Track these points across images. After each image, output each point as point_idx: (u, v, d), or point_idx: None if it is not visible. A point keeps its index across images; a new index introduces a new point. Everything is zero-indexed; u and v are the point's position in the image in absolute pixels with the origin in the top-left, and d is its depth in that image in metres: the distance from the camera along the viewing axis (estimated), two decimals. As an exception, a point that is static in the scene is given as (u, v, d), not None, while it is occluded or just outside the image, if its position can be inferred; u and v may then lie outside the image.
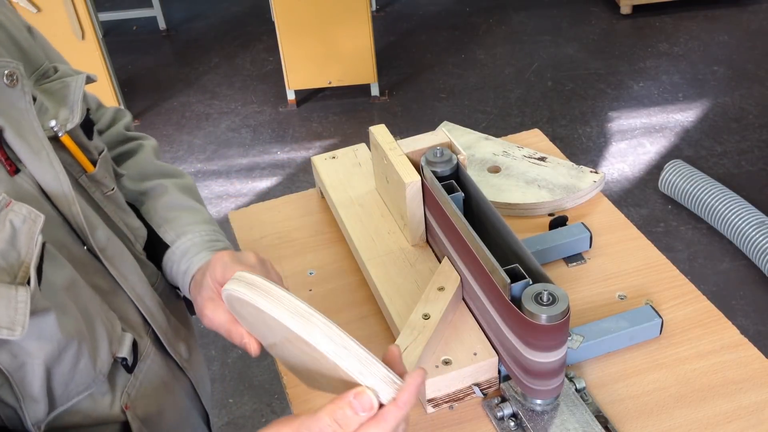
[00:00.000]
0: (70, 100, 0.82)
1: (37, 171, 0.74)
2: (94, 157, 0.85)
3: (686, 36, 3.81)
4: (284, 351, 0.75)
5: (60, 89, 0.83)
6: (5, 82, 0.72)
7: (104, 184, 0.86)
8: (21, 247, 0.67)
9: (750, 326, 2.36)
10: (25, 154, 0.73)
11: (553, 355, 0.82)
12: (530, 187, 1.22)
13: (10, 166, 0.72)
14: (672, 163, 2.79)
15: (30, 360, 0.69)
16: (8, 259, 0.66)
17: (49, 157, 0.75)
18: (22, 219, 0.67)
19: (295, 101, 3.56)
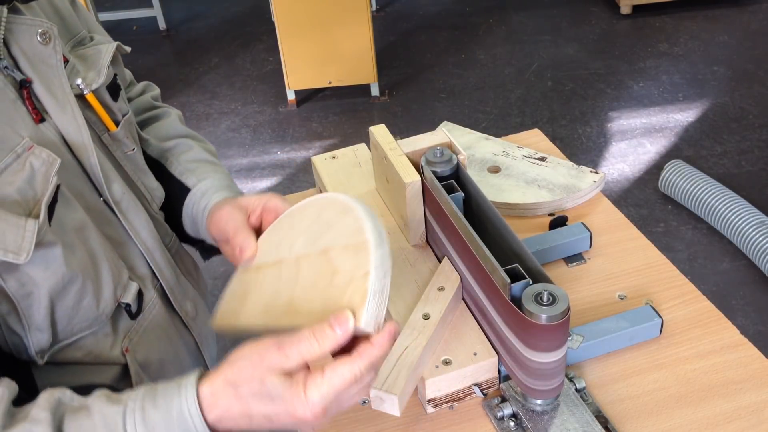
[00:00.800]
0: (99, 64, 0.90)
1: (60, 122, 0.81)
2: (117, 117, 0.92)
3: (686, 36, 3.81)
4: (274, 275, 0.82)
5: (92, 55, 0.91)
6: (39, 39, 0.81)
7: (125, 144, 0.93)
8: (37, 187, 0.75)
9: (750, 326, 2.36)
10: (50, 106, 0.81)
11: (553, 355, 0.82)
12: (530, 187, 1.22)
13: (36, 115, 0.79)
14: (672, 163, 2.79)
15: (36, 290, 0.76)
16: (24, 196, 0.74)
17: (73, 111, 0.82)
18: (41, 162, 0.76)
19: (295, 101, 3.56)
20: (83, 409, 0.70)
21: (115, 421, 0.69)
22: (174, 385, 0.71)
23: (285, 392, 0.68)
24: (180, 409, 0.69)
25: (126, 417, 0.69)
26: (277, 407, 0.69)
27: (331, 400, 0.68)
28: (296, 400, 0.67)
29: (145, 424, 0.69)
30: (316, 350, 0.68)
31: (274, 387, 0.68)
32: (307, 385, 0.68)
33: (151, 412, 0.70)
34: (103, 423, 0.69)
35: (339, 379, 0.68)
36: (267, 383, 0.68)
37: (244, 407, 0.69)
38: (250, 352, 0.71)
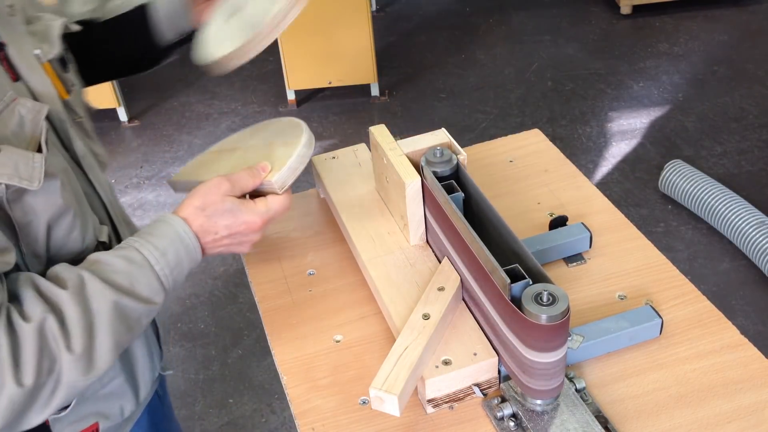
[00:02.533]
0: (51, 37, 0.98)
1: (32, 81, 0.89)
2: (68, 87, 0.99)
3: (686, 36, 3.81)
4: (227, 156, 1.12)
5: (42, 30, 0.99)
6: (7, 11, 0.90)
7: (75, 112, 1.00)
8: (27, 131, 0.83)
9: (750, 326, 2.36)
10: (23, 68, 0.89)
11: (553, 355, 0.82)
12: None
13: (12, 74, 0.87)
14: (672, 163, 2.79)
15: (36, 219, 0.85)
16: (18, 137, 0.83)
17: (40, 73, 0.91)
18: (27, 110, 0.84)
19: (295, 101, 3.56)
20: (97, 262, 0.86)
21: (133, 256, 0.87)
22: (158, 221, 0.91)
23: (241, 206, 0.94)
24: (177, 232, 0.90)
25: (141, 250, 0.87)
26: (236, 218, 0.93)
27: (270, 214, 0.95)
28: (249, 210, 0.94)
29: (158, 249, 0.88)
30: (250, 184, 0.96)
31: (232, 203, 0.93)
32: (256, 201, 0.95)
33: (157, 241, 0.89)
34: (126, 260, 0.86)
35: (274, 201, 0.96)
36: (226, 202, 0.93)
37: (211, 224, 0.92)
38: (208, 185, 0.94)
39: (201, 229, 0.92)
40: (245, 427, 2.25)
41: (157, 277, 0.88)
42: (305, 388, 0.97)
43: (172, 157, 3.31)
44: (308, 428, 0.92)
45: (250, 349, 2.48)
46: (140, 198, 3.08)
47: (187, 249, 0.90)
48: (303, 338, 1.04)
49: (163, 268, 0.88)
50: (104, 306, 0.83)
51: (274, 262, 1.17)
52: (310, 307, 1.09)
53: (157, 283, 0.88)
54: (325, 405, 0.94)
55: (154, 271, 0.87)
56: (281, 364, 1.01)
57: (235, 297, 2.64)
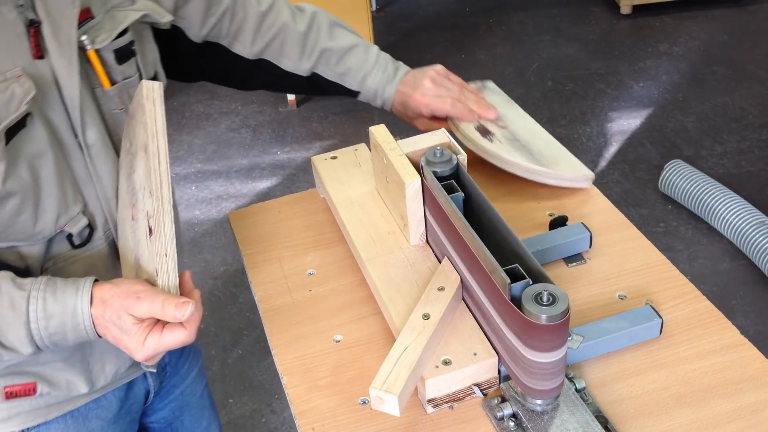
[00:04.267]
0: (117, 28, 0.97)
1: (56, 62, 0.89)
2: (116, 78, 0.99)
3: (686, 36, 3.81)
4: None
5: (120, 18, 0.98)
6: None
7: (115, 102, 0.99)
8: (11, 110, 0.83)
9: (750, 326, 2.36)
10: (52, 48, 0.88)
11: (553, 355, 0.82)
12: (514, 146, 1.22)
13: (36, 51, 0.87)
14: (672, 163, 2.79)
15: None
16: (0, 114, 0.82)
17: (70, 57, 0.90)
18: (22, 90, 0.84)
19: (295, 101, 3.56)
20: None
21: (19, 303, 0.85)
22: (73, 284, 0.87)
23: (130, 331, 0.86)
24: (74, 306, 0.86)
25: (29, 302, 0.85)
26: (122, 338, 0.87)
27: (159, 351, 0.87)
28: (136, 342, 0.86)
29: (45, 311, 0.85)
30: (160, 315, 0.86)
31: (125, 323, 0.86)
32: (148, 335, 0.86)
33: (51, 303, 0.86)
34: (10, 302, 0.85)
35: (171, 339, 0.86)
36: (122, 318, 0.86)
37: (104, 323, 0.87)
38: (124, 287, 0.87)
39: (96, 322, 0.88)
40: (245, 427, 2.25)
41: (29, 334, 0.86)
42: (305, 388, 0.97)
43: (172, 156, 3.30)
44: (308, 428, 0.92)
45: (250, 349, 2.48)
46: (140, 198, 3.08)
47: (76, 327, 0.87)
48: (303, 338, 1.04)
49: (39, 330, 0.86)
50: None
51: (274, 262, 1.17)
52: (310, 307, 1.09)
53: (27, 339, 0.86)
54: (325, 405, 0.94)
55: (29, 328, 0.86)
56: (281, 364, 1.01)
57: (235, 297, 2.64)
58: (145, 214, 0.90)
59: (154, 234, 0.88)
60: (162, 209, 0.87)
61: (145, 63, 1.04)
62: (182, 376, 1.28)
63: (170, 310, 0.85)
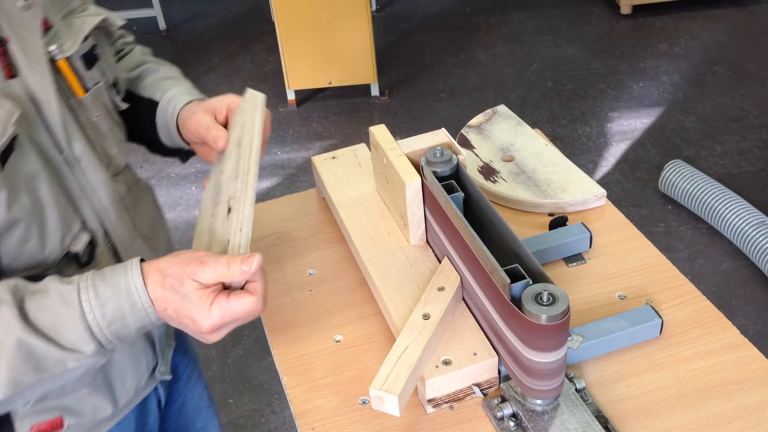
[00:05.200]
0: (78, 35, 0.96)
1: (29, 79, 0.87)
2: (87, 85, 0.97)
3: (686, 36, 3.81)
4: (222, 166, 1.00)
5: (78, 24, 0.97)
6: (21, 5, 0.87)
7: (91, 110, 0.98)
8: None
9: (750, 326, 2.36)
10: (22, 64, 0.86)
11: (553, 355, 0.82)
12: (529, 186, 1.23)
13: (7, 71, 0.85)
14: (672, 163, 2.79)
15: None
16: None
17: (43, 72, 0.88)
18: (4, 112, 0.82)
19: (295, 101, 3.56)
20: (39, 290, 0.82)
21: (70, 296, 0.81)
22: (119, 266, 0.84)
23: (194, 298, 0.81)
24: (127, 285, 0.82)
25: (80, 293, 0.81)
26: (185, 307, 0.82)
27: (227, 321, 0.82)
28: (201, 308, 0.81)
29: (98, 298, 0.81)
30: (226, 277, 0.82)
31: (188, 290, 0.81)
32: (213, 301, 0.81)
33: (102, 288, 0.82)
34: (60, 298, 0.81)
35: (239, 306, 0.81)
36: (185, 284, 0.81)
37: (164, 295, 0.82)
38: (183, 256, 0.83)
39: (154, 295, 0.83)
40: (245, 427, 2.25)
41: (87, 327, 0.81)
42: (305, 388, 0.97)
43: (172, 157, 3.31)
44: (308, 428, 0.92)
45: (250, 349, 2.48)
46: (140, 198, 3.08)
47: (134, 307, 0.82)
48: (303, 338, 1.04)
49: (97, 320, 0.81)
50: (6, 340, 0.78)
51: (274, 262, 1.17)
52: (310, 307, 1.09)
53: (86, 334, 0.81)
54: (325, 405, 0.94)
55: (85, 321, 0.80)
56: (281, 364, 1.01)
57: (235, 297, 2.64)
58: (227, 198, 0.92)
59: (233, 212, 0.89)
60: (245, 192, 0.89)
61: (108, 67, 1.03)
62: (184, 381, 1.27)
63: (236, 267, 0.81)
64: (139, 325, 0.84)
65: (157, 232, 1.14)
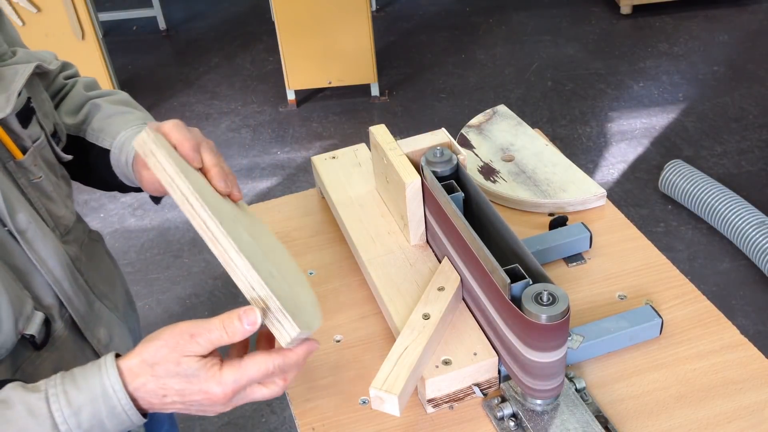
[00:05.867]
0: (10, 88, 0.84)
1: None
2: (26, 144, 0.87)
3: (686, 36, 3.81)
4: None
5: (8, 75, 0.86)
6: None
7: (31, 172, 0.88)
8: None
9: (750, 326, 2.36)
10: None
11: (553, 355, 0.82)
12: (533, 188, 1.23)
13: None
14: (672, 163, 2.79)
15: None
16: None
17: None
18: None
19: (295, 101, 3.56)
20: (1, 402, 0.72)
21: (38, 407, 0.71)
22: (92, 366, 0.74)
23: (200, 371, 0.72)
24: (103, 387, 0.72)
25: (50, 402, 0.71)
26: (191, 385, 0.73)
27: (242, 385, 0.73)
28: (211, 378, 0.72)
29: (71, 406, 0.71)
30: (225, 340, 0.73)
31: (189, 367, 0.72)
32: (224, 366, 0.73)
33: (74, 394, 0.72)
34: (27, 411, 0.71)
35: (254, 368, 0.73)
36: (182, 364, 0.72)
37: (159, 384, 0.73)
38: (166, 336, 0.74)
39: (144, 389, 0.73)
40: (245, 427, 2.25)
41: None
42: (305, 388, 0.97)
43: (172, 157, 3.31)
44: (308, 428, 0.92)
45: (250, 349, 2.48)
46: (140, 198, 3.08)
47: (112, 411, 0.72)
48: (303, 338, 1.04)
49: (71, 429, 0.71)
50: None
51: (274, 262, 1.17)
52: (310, 307, 1.09)
53: None
54: (325, 405, 0.94)
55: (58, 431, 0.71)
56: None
57: (235, 297, 2.64)
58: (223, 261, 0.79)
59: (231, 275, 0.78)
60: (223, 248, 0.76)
61: (45, 116, 0.93)
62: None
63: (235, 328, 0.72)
64: (119, 428, 0.75)
65: (114, 286, 1.06)
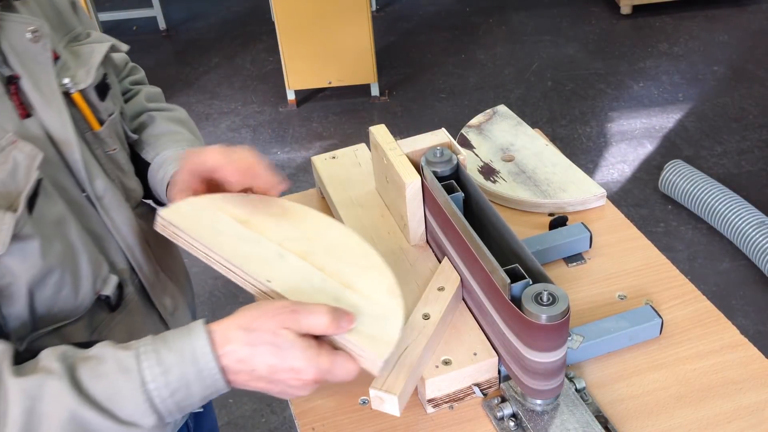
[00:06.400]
0: (89, 63, 0.91)
1: (46, 117, 0.82)
2: (102, 117, 0.92)
3: (686, 36, 3.81)
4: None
5: (85, 53, 0.92)
6: (29, 36, 0.82)
7: (107, 143, 0.93)
8: (20, 180, 0.76)
9: (750, 326, 2.36)
10: (37, 102, 0.81)
11: (553, 355, 0.82)
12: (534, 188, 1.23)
13: (22, 110, 0.80)
14: (672, 163, 2.79)
15: (15, 281, 0.77)
16: (7, 188, 0.75)
17: (59, 108, 0.83)
18: (24, 156, 0.77)
19: (295, 101, 3.56)
20: (92, 357, 0.73)
21: (129, 363, 0.72)
22: (183, 329, 0.75)
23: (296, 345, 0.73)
24: (193, 349, 0.73)
25: (140, 360, 0.73)
26: (283, 361, 0.73)
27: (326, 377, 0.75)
28: (309, 358, 0.73)
29: (160, 365, 0.72)
30: (321, 328, 0.75)
31: (286, 340, 0.73)
32: (321, 351, 0.74)
33: (165, 353, 0.73)
34: (118, 366, 0.72)
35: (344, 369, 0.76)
36: (280, 336, 0.73)
37: (251, 354, 0.73)
38: (265, 307, 0.76)
39: (234, 356, 0.74)
40: (245, 427, 2.25)
41: (147, 398, 0.72)
42: (305, 388, 0.97)
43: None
44: (308, 428, 0.92)
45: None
46: (140, 198, 3.08)
47: (199, 374, 0.73)
48: (303, 338, 1.04)
49: (159, 389, 0.72)
50: (57, 413, 0.69)
51: (274, 262, 1.17)
52: (310, 307, 1.08)
53: (146, 405, 0.72)
54: (325, 405, 0.94)
55: (146, 390, 0.72)
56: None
57: (235, 297, 2.64)
58: None
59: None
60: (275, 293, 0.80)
61: (116, 96, 0.98)
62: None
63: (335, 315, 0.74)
64: (204, 394, 0.75)
65: (177, 264, 1.10)
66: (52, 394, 0.69)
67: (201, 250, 0.85)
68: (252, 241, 0.86)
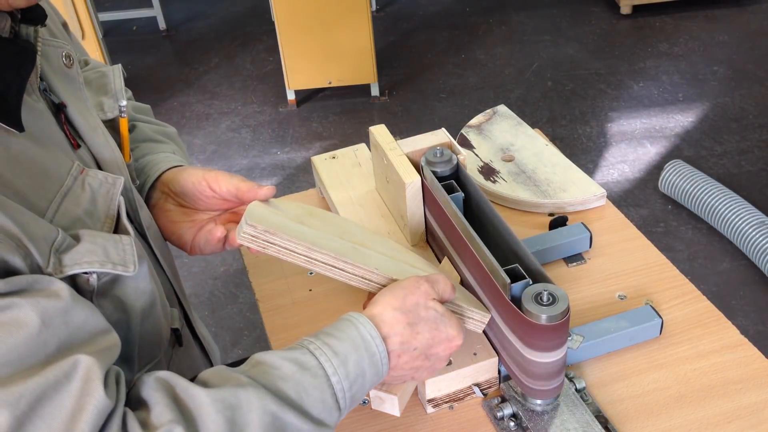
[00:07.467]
0: (111, 89, 0.87)
1: (94, 146, 0.78)
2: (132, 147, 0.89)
3: (686, 36, 3.81)
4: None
5: (97, 78, 0.87)
6: (64, 62, 0.77)
7: (133, 177, 0.89)
8: (100, 207, 0.72)
9: (750, 326, 2.36)
10: (83, 130, 0.77)
11: (553, 355, 0.82)
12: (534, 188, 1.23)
13: (74, 140, 0.76)
14: (672, 163, 2.79)
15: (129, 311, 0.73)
16: (92, 217, 0.71)
17: (105, 134, 0.79)
18: (99, 183, 0.73)
19: (295, 101, 3.56)
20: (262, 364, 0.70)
21: (306, 360, 0.70)
22: (340, 322, 0.74)
23: (445, 314, 0.77)
24: (361, 334, 0.72)
25: (317, 355, 0.70)
26: (439, 332, 0.76)
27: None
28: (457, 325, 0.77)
29: (337, 356, 0.71)
30: (450, 294, 0.80)
31: (436, 311, 0.76)
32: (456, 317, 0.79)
33: (336, 344, 0.71)
34: (297, 366, 0.69)
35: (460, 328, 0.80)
36: (431, 309, 0.76)
37: (412, 334, 0.75)
38: (406, 284, 0.77)
39: (398, 342, 0.74)
40: (245, 427, 2.25)
41: (332, 392, 0.70)
42: (305, 388, 0.97)
43: (172, 157, 3.31)
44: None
45: (250, 349, 2.48)
46: (140, 198, 3.08)
47: (372, 360, 0.72)
48: (303, 338, 1.04)
49: (341, 381, 0.70)
50: (258, 419, 0.65)
51: (274, 262, 1.17)
52: (310, 307, 1.09)
53: (332, 400, 0.70)
54: (325, 405, 0.94)
55: (330, 384, 0.70)
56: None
57: (235, 297, 2.64)
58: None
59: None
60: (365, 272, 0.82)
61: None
62: None
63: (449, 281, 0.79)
64: (372, 382, 0.74)
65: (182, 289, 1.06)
66: (249, 401, 0.66)
67: (300, 252, 0.81)
68: (326, 238, 0.85)
